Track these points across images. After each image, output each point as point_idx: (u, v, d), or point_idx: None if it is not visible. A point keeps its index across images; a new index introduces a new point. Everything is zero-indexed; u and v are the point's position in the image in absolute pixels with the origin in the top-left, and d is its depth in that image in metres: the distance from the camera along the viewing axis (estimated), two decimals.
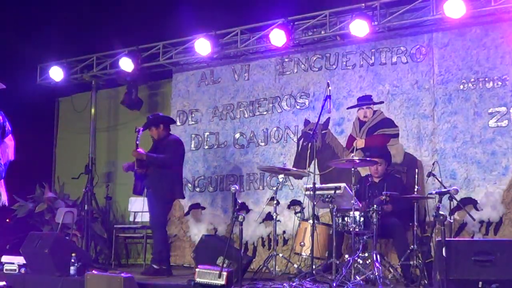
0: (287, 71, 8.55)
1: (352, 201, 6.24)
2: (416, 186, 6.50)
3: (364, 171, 7.45)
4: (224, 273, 5.81)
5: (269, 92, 8.63)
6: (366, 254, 6.24)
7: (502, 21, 7.16)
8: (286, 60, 8.57)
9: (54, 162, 10.89)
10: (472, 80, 7.28)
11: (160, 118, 7.53)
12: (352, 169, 6.40)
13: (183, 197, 7.73)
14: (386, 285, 5.92)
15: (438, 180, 6.59)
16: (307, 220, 6.79)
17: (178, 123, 9.26)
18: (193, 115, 9.22)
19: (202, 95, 9.19)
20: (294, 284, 5.85)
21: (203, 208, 8.89)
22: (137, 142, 7.11)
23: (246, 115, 8.78)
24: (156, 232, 7.28)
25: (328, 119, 8.04)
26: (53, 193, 9.67)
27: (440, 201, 5.96)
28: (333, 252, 6.23)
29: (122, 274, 6.04)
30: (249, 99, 8.78)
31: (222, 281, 5.80)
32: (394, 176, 7.17)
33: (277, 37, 7.99)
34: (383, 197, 6.33)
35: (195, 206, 8.95)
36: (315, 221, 6.38)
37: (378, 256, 6.11)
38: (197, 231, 8.73)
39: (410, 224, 6.49)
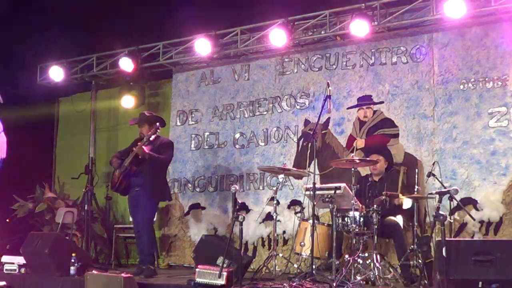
0: (287, 71, 8.55)
1: (352, 201, 6.24)
2: (416, 186, 6.49)
3: (364, 171, 7.45)
4: (224, 273, 5.81)
5: (269, 92, 8.64)
6: (366, 254, 6.23)
7: (502, 21, 7.16)
8: (286, 60, 8.57)
9: (54, 162, 10.88)
10: (472, 80, 7.28)
11: (156, 118, 7.42)
12: (352, 169, 6.40)
13: (171, 199, 7.81)
14: (386, 285, 5.92)
15: (438, 180, 6.59)
16: (307, 220, 6.79)
17: (178, 123, 9.27)
18: (193, 115, 9.22)
19: (202, 95, 9.19)
20: (294, 284, 5.85)
21: (203, 208, 8.89)
22: (151, 139, 7.00)
23: (246, 115, 8.78)
24: (148, 232, 7.17)
25: (328, 119, 8.04)
26: (53, 193, 9.68)
27: (440, 201, 5.94)
28: (333, 252, 6.22)
29: (122, 274, 6.05)
30: (249, 99, 8.78)
31: (222, 281, 5.80)
32: (393, 176, 7.15)
33: (277, 37, 7.99)
34: (383, 197, 6.32)
35: (195, 206, 8.95)
36: (315, 221, 6.37)
37: (378, 256, 6.10)
38: (197, 231, 8.72)
39: (410, 224, 6.49)
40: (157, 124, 7.12)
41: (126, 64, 9.03)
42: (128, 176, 7.10)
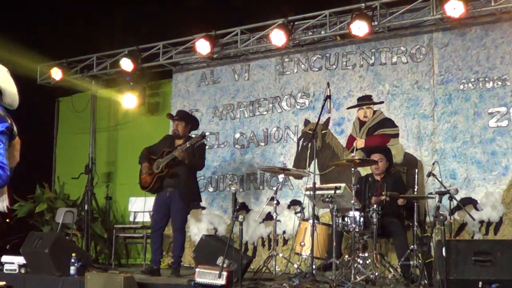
0: (287, 71, 8.55)
1: (352, 201, 6.24)
2: (416, 186, 6.49)
3: (364, 171, 7.44)
4: (224, 273, 5.81)
5: (269, 92, 8.63)
6: (366, 254, 6.24)
7: (502, 21, 7.17)
8: (286, 60, 8.57)
9: (54, 162, 10.88)
10: (472, 80, 7.28)
11: (195, 119, 7.62)
12: (352, 169, 6.40)
13: (201, 201, 7.75)
14: (386, 285, 5.92)
15: (438, 180, 6.59)
16: (307, 220, 6.78)
17: None
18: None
19: (202, 95, 9.18)
20: (294, 284, 5.85)
21: (203, 208, 8.88)
22: (192, 145, 6.92)
23: (246, 115, 8.78)
24: (183, 234, 7.28)
25: (328, 119, 8.04)
26: (53, 193, 9.67)
27: (440, 201, 5.95)
28: (333, 252, 6.22)
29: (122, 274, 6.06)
30: (249, 99, 8.78)
31: (222, 281, 5.80)
32: (394, 176, 7.15)
33: (277, 37, 7.98)
34: (383, 197, 6.32)
35: (195, 206, 8.94)
36: (315, 221, 6.37)
37: (378, 256, 6.10)
38: (197, 231, 8.72)
39: (410, 224, 6.49)
40: (205, 133, 7.21)
41: (126, 64, 9.03)
42: (162, 177, 7.03)
